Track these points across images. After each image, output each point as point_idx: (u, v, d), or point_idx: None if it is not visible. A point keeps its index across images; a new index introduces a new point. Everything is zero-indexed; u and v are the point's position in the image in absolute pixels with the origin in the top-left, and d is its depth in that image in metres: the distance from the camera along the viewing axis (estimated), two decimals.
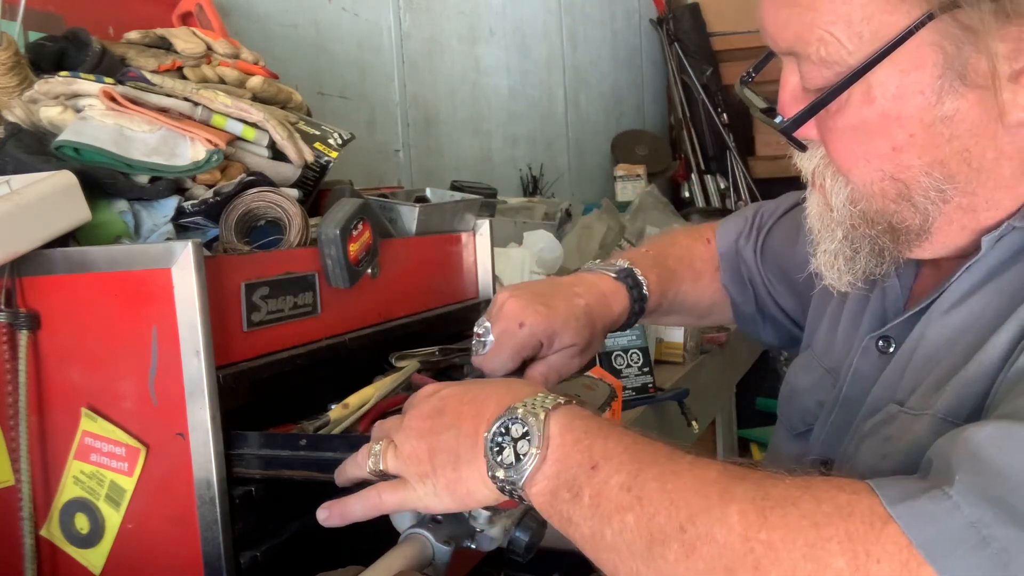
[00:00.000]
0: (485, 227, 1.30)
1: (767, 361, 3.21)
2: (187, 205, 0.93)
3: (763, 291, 1.09)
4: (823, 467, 0.80)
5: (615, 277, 0.98)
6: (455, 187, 2.07)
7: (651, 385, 1.76)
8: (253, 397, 0.84)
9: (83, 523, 0.82)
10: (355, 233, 0.94)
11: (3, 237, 0.77)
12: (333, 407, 0.91)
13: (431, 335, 1.13)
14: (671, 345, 2.07)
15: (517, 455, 0.64)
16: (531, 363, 0.89)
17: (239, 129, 0.99)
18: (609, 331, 0.98)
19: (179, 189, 0.94)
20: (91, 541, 0.82)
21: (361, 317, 1.01)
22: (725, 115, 4.60)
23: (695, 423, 1.87)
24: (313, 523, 0.74)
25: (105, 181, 0.88)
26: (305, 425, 0.87)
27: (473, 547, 0.74)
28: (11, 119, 0.94)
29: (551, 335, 0.87)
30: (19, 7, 1.05)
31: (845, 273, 0.76)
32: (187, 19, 1.30)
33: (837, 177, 0.73)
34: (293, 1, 1.90)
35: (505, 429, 0.65)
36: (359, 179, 1.50)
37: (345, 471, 0.75)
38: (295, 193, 1.00)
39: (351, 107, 2.12)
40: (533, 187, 3.08)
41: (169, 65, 1.08)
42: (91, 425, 0.80)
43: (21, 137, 0.91)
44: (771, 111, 0.76)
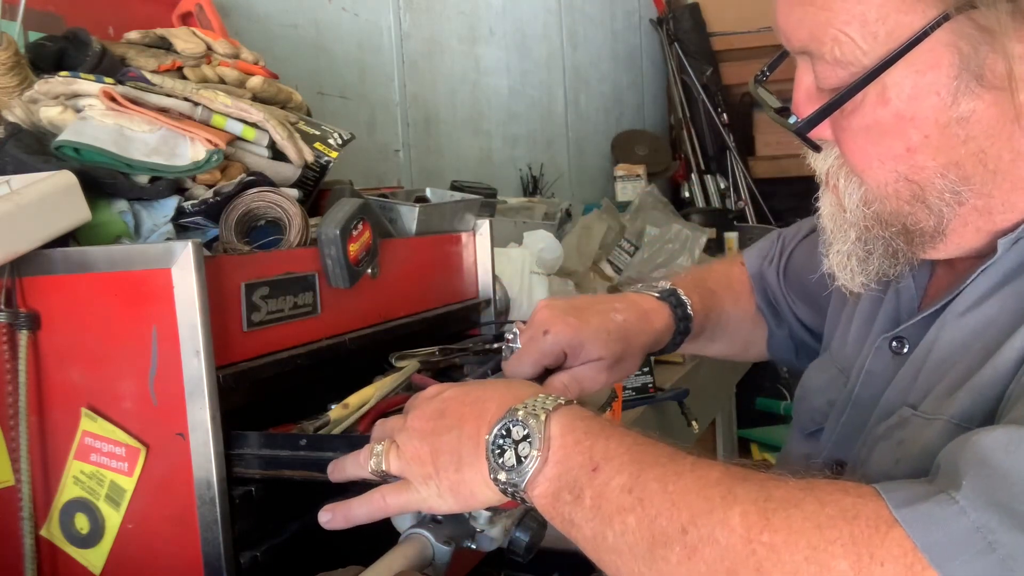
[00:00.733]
0: (485, 227, 1.30)
1: (767, 361, 3.21)
2: (187, 205, 0.93)
3: (788, 313, 1.09)
4: (835, 468, 0.80)
5: (658, 296, 0.98)
6: (455, 187, 2.07)
7: (651, 385, 1.76)
8: (253, 397, 0.84)
9: (83, 523, 0.82)
10: (355, 233, 0.94)
11: (3, 237, 0.77)
12: (333, 407, 0.91)
13: (431, 335, 1.13)
14: None
15: (518, 457, 0.64)
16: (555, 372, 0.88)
17: (239, 129, 0.99)
18: (651, 350, 0.96)
19: (179, 189, 0.94)
20: (91, 541, 0.82)
21: (361, 317, 1.01)
22: (725, 115, 4.60)
23: (695, 423, 1.87)
24: (313, 523, 0.74)
25: (105, 181, 0.88)
26: (305, 425, 0.87)
27: (473, 547, 0.74)
28: (11, 119, 0.94)
29: (576, 346, 0.87)
30: (19, 7, 1.05)
31: (858, 274, 0.76)
32: (187, 19, 1.30)
33: (851, 178, 0.72)
34: (293, 1, 1.90)
35: (506, 431, 0.65)
36: (359, 179, 1.50)
37: (345, 469, 0.75)
38: (295, 193, 1.00)
39: (351, 107, 2.12)
40: (533, 187, 3.08)
41: (169, 65, 1.08)
42: (91, 425, 0.80)
43: (21, 137, 0.91)
44: (784, 111, 0.75)
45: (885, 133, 0.67)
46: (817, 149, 0.74)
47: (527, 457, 0.64)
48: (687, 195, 4.64)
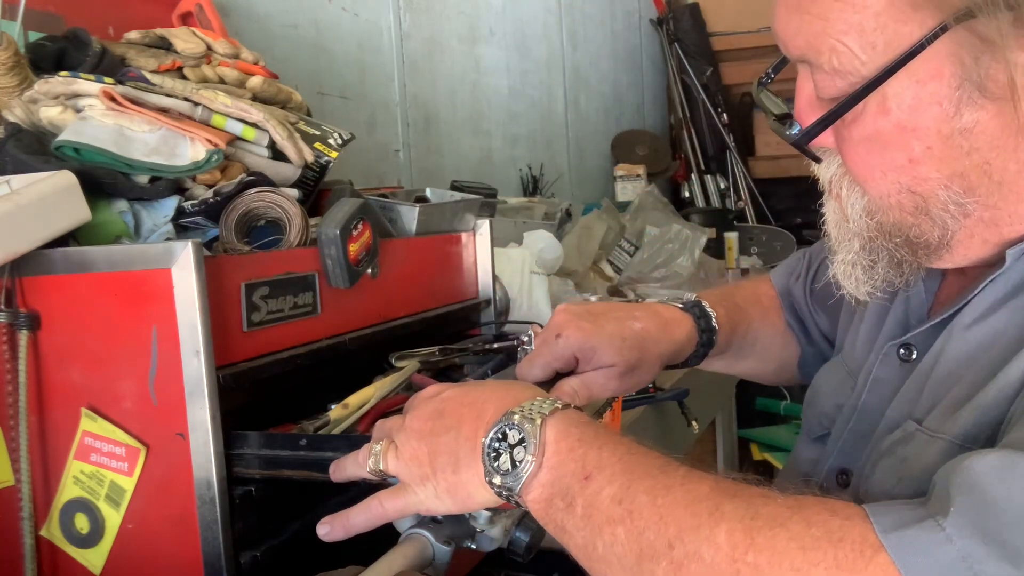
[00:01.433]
0: (485, 227, 1.30)
1: None
2: (187, 205, 0.93)
3: (814, 328, 1.07)
4: (839, 478, 0.80)
5: (682, 307, 0.97)
6: (455, 187, 2.07)
7: (651, 385, 1.75)
8: (253, 397, 0.84)
9: (83, 523, 0.82)
10: (355, 233, 0.94)
11: (3, 237, 0.77)
12: (333, 407, 0.91)
13: (431, 335, 1.13)
14: None
15: (513, 462, 0.64)
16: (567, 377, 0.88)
17: (239, 129, 0.99)
18: (671, 362, 0.94)
19: (179, 189, 0.94)
20: (91, 541, 0.82)
21: (361, 317, 1.01)
22: (725, 115, 4.60)
23: (695, 423, 1.86)
24: (313, 523, 0.74)
25: (105, 181, 0.88)
26: (305, 425, 0.87)
27: (473, 547, 0.74)
28: (11, 119, 0.94)
29: (588, 351, 0.86)
30: (19, 7, 1.05)
31: (863, 283, 0.74)
32: (187, 19, 1.30)
33: (853, 187, 0.71)
34: (293, 1, 1.90)
35: (502, 435, 0.65)
36: (359, 179, 1.50)
37: (345, 469, 0.75)
38: (295, 193, 1.00)
39: (351, 107, 2.12)
40: (533, 187, 3.07)
41: (169, 65, 1.08)
42: (91, 425, 0.80)
43: (21, 137, 0.91)
44: (787, 117, 0.74)
45: (887, 144, 0.66)
46: (817, 160, 0.73)
47: (522, 462, 0.64)
48: (687, 195, 4.63)
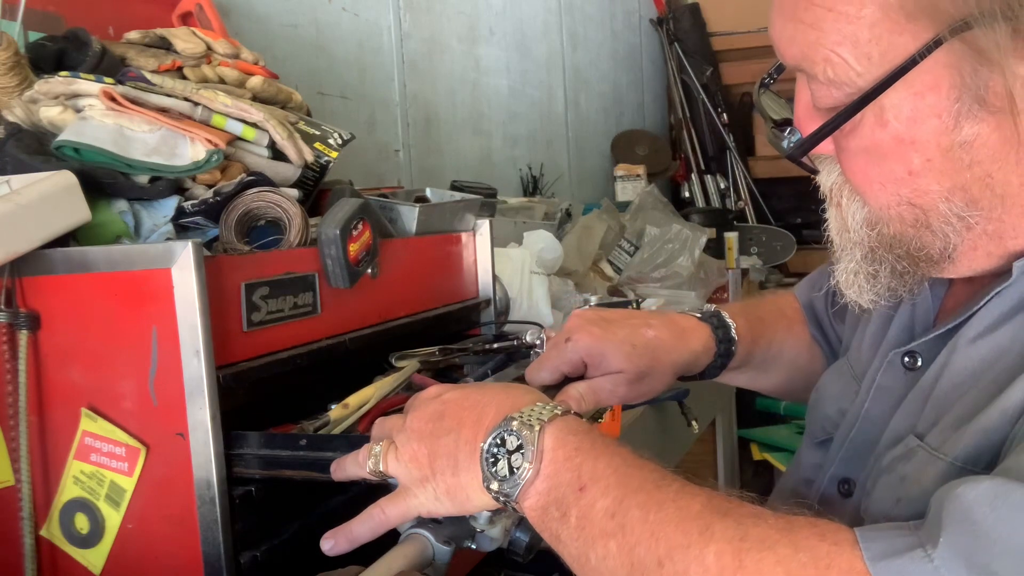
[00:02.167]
0: (485, 227, 1.30)
1: None
2: (187, 205, 0.93)
3: (834, 339, 1.06)
4: (841, 487, 0.79)
5: (700, 317, 0.96)
6: (455, 187, 2.07)
7: None
8: (253, 397, 0.84)
9: (83, 523, 0.82)
10: (355, 233, 0.94)
11: (3, 237, 0.77)
12: (333, 407, 0.91)
13: (431, 335, 1.13)
14: None
15: (511, 468, 0.64)
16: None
17: (239, 129, 0.99)
18: (686, 372, 0.94)
19: (179, 189, 0.94)
20: (91, 541, 0.82)
21: (361, 317, 1.01)
22: (725, 115, 4.60)
23: (695, 423, 1.86)
24: (313, 523, 0.74)
25: (105, 181, 0.88)
26: (305, 425, 0.87)
27: (473, 547, 0.74)
28: (11, 119, 0.94)
29: (597, 356, 0.86)
30: (19, 7, 1.05)
31: (866, 291, 0.73)
32: (187, 19, 1.30)
33: (854, 196, 0.70)
34: (293, 1, 1.90)
35: (501, 440, 0.65)
36: (359, 179, 1.50)
37: (345, 468, 0.75)
38: (295, 193, 1.00)
39: (351, 107, 2.12)
40: (533, 187, 3.07)
41: (169, 65, 1.08)
42: (91, 425, 0.80)
43: (21, 137, 0.91)
44: (786, 123, 0.73)
45: (885, 156, 0.65)
46: (813, 172, 0.73)
47: (519, 469, 0.64)
48: (687, 195, 4.63)
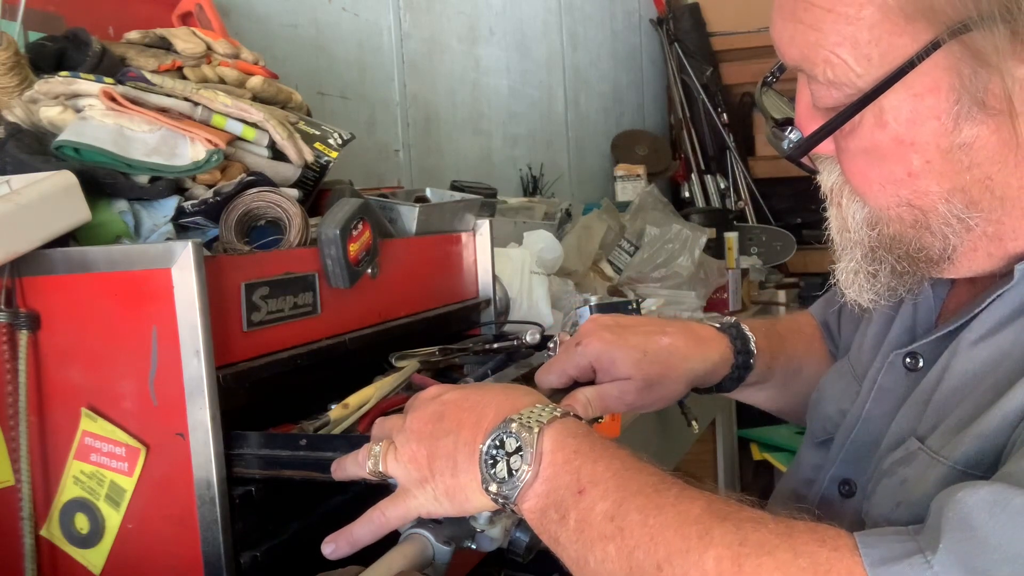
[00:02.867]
0: (485, 227, 1.30)
1: None
2: (187, 205, 0.93)
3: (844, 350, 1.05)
4: (842, 488, 0.79)
5: (718, 328, 0.94)
6: (455, 187, 2.07)
7: None
8: (253, 397, 0.84)
9: (83, 523, 0.82)
10: (355, 233, 0.94)
11: (3, 237, 0.77)
12: (333, 407, 0.91)
13: (431, 335, 1.13)
14: None
15: (510, 470, 0.64)
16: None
17: (239, 129, 0.99)
18: (702, 383, 0.92)
19: (179, 189, 0.94)
20: (91, 541, 0.82)
21: (361, 317, 1.01)
22: (725, 115, 4.60)
23: (695, 423, 1.86)
24: (313, 523, 0.74)
25: (105, 181, 0.88)
26: (305, 425, 0.87)
27: (473, 547, 0.74)
28: (11, 119, 0.94)
29: (606, 362, 0.85)
30: (19, 7, 1.05)
31: (866, 290, 0.73)
32: (187, 19, 1.30)
33: (853, 197, 0.70)
34: (293, 1, 1.90)
35: (500, 442, 0.65)
36: (359, 179, 1.50)
37: (345, 468, 0.75)
38: (295, 193, 1.00)
39: (351, 107, 2.12)
40: (533, 187, 3.07)
41: (169, 65, 1.08)
42: (91, 425, 0.80)
43: (21, 137, 0.91)
44: (787, 122, 0.73)
45: (884, 157, 0.65)
46: (812, 173, 0.73)
47: (518, 471, 0.64)
48: (687, 195, 4.63)
